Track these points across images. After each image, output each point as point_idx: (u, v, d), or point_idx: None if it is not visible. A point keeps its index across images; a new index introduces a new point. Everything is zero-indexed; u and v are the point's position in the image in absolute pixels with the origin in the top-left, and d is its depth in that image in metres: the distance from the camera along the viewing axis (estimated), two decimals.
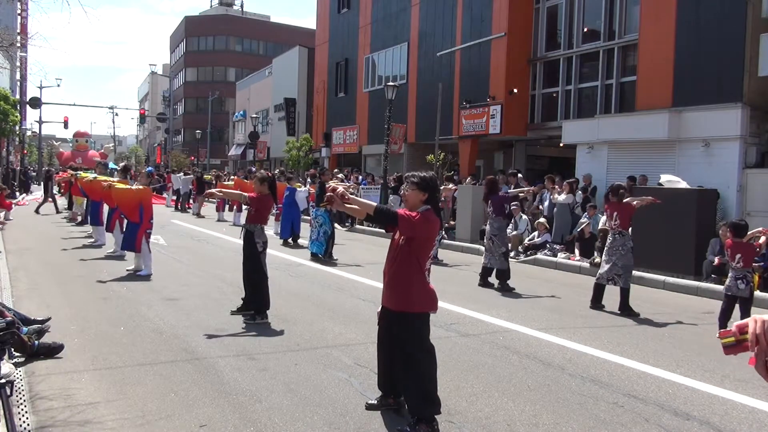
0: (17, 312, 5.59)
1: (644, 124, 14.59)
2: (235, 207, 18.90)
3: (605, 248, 8.18)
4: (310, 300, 7.94)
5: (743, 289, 6.77)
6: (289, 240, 13.82)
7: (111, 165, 15.70)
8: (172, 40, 72.77)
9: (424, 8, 23.35)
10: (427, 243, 4.05)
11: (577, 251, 11.89)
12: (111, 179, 11.75)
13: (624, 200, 8.09)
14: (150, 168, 10.82)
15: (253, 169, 29.56)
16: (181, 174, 26.42)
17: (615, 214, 8.01)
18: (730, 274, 7.00)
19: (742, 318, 4.14)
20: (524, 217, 13.68)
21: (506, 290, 9.03)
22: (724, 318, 6.84)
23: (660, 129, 14.12)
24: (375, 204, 4.10)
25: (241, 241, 6.96)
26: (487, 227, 9.67)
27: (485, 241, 9.72)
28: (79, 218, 16.71)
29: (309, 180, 20.64)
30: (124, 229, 10.20)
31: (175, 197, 25.63)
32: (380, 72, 26.78)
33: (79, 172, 14.92)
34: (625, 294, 7.85)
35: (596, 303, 8.03)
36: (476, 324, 6.89)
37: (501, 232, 9.51)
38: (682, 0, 14.29)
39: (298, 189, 14.99)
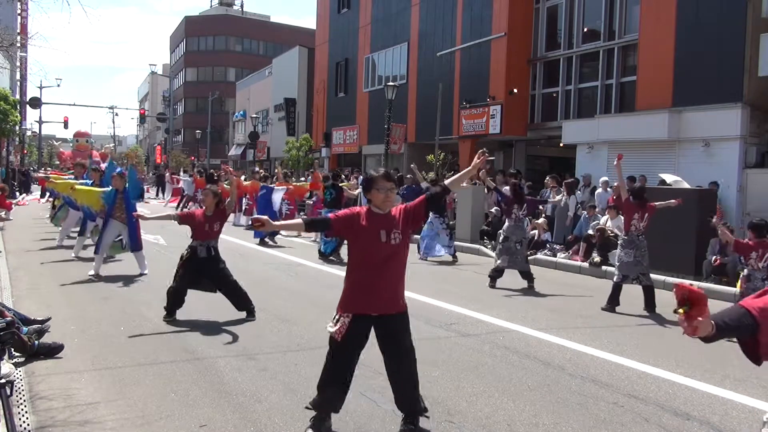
0: (17, 312, 5.59)
1: (644, 124, 14.58)
2: (235, 207, 18.85)
3: (633, 249, 7.97)
4: (310, 300, 7.94)
5: None
6: (266, 239, 13.66)
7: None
8: (172, 40, 72.77)
9: (424, 8, 23.34)
10: (357, 241, 3.81)
11: (581, 252, 11.84)
12: (75, 182, 11.68)
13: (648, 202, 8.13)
14: (119, 169, 10.52)
15: (257, 169, 29.56)
16: (186, 175, 26.48)
17: (646, 215, 7.99)
18: (750, 275, 7.04)
19: None
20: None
21: (532, 288, 9.19)
22: None
23: (660, 129, 14.11)
24: (301, 221, 4.05)
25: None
26: (507, 229, 9.45)
27: (511, 243, 9.35)
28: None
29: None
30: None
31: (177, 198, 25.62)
32: (380, 72, 26.77)
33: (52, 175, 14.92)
34: (651, 291, 7.89)
35: (612, 303, 7.86)
36: (476, 324, 6.89)
37: (527, 235, 9.63)
38: (682, 0, 14.30)
39: (276, 188, 15.00)
